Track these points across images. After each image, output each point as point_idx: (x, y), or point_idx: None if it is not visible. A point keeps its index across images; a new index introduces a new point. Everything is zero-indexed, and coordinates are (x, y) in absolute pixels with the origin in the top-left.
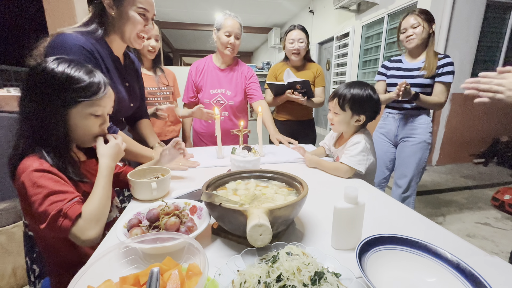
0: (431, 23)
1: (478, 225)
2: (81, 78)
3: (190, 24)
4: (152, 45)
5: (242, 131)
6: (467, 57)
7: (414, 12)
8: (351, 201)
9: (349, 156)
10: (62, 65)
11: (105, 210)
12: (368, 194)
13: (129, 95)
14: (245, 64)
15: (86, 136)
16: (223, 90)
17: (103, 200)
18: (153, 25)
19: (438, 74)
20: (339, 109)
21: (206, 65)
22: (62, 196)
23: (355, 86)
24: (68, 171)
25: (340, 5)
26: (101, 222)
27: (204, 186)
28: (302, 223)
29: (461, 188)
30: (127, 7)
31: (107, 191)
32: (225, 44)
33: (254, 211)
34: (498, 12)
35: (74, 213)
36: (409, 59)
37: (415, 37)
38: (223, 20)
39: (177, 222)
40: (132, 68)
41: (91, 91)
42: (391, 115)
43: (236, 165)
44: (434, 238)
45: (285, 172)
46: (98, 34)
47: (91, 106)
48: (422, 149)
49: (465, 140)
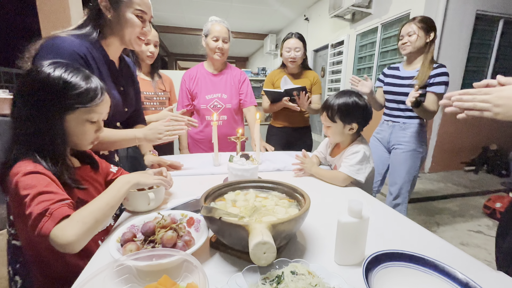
0: (429, 32)
1: (471, 233)
2: (78, 84)
3: (186, 28)
4: (151, 50)
5: (240, 138)
6: (458, 67)
7: (414, 20)
8: (356, 215)
9: (348, 165)
10: (58, 70)
11: (100, 217)
12: (367, 205)
13: (123, 100)
14: (237, 68)
15: (81, 141)
16: (219, 94)
17: (102, 205)
18: (151, 28)
19: (430, 84)
20: (329, 122)
21: (198, 72)
22: (51, 196)
23: (341, 95)
24: (64, 176)
25: (335, 14)
26: (87, 226)
27: (203, 197)
28: (303, 236)
29: (453, 196)
30: (124, 10)
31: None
32: (213, 49)
33: (256, 226)
34: (486, 24)
35: (60, 214)
36: (406, 67)
37: (409, 44)
38: (210, 26)
39: (174, 236)
40: (127, 72)
41: (89, 98)
42: (386, 122)
43: (233, 174)
44: (436, 251)
45: (285, 183)
46: (93, 37)
47: (88, 113)
48: (412, 157)
49: (456, 148)
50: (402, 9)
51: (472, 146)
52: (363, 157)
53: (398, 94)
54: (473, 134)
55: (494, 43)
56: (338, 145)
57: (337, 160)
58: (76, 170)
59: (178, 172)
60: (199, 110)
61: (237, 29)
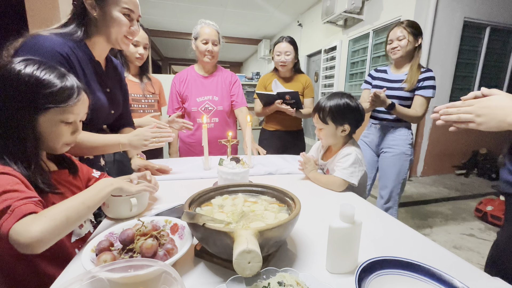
0: (418, 36)
1: (463, 236)
2: (51, 82)
3: (180, 33)
4: (140, 52)
5: (230, 141)
6: (448, 72)
7: (402, 24)
8: (348, 220)
9: (341, 169)
10: (30, 67)
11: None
12: (359, 209)
13: (109, 102)
14: (228, 70)
15: (55, 144)
16: (210, 97)
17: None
18: (139, 27)
19: (418, 87)
20: (322, 124)
21: (188, 75)
22: (17, 194)
23: (332, 97)
24: (37, 180)
25: (327, 20)
26: (55, 222)
27: (187, 203)
28: (294, 242)
29: (445, 199)
30: (110, 8)
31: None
32: (203, 52)
33: (241, 233)
34: (473, 31)
35: (24, 210)
36: (393, 70)
37: (399, 49)
38: (199, 28)
39: (154, 244)
40: (114, 74)
41: (63, 97)
42: (374, 125)
43: (223, 178)
44: (431, 256)
45: (275, 187)
46: (78, 36)
47: (62, 113)
48: (401, 160)
49: (447, 152)
50: (392, 16)
51: (463, 150)
52: (355, 160)
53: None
54: (464, 138)
55: (482, 49)
56: (330, 149)
57: (330, 163)
58: (51, 174)
59: (166, 177)
60: (190, 113)
61: (231, 34)
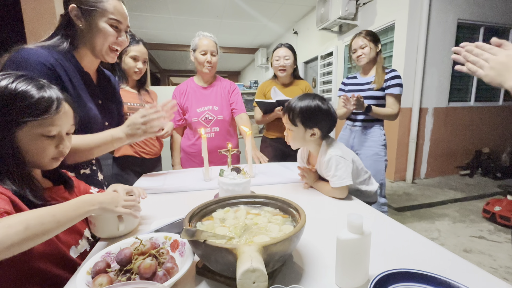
0: (377, 43)
1: (473, 239)
2: (27, 94)
3: (178, 45)
4: (139, 67)
5: (231, 151)
6: (445, 74)
7: (361, 34)
8: (356, 230)
9: (331, 178)
10: (5, 80)
11: (35, 226)
12: (365, 217)
13: (103, 113)
14: (227, 79)
15: (39, 160)
16: (210, 107)
17: (43, 213)
18: (127, 37)
19: (387, 86)
20: (291, 125)
21: (188, 86)
22: None
23: (304, 98)
24: (27, 194)
25: (322, 27)
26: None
27: (187, 218)
28: (300, 255)
29: (451, 201)
30: (97, 19)
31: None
32: (202, 62)
33: (245, 250)
34: (468, 32)
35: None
36: (362, 75)
37: (364, 56)
38: (198, 40)
39: (153, 264)
40: (107, 86)
41: (39, 109)
42: (348, 127)
43: (224, 189)
44: (443, 265)
45: (278, 197)
46: (63, 48)
47: (41, 126)
48: (376, 161)
49: (450, 152)
50: (386, 20)
51: (465, 150)
52: (336, 162)
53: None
54: (465, 138)
55: None
56: (310, 154)
57: (319, 169)
58: (45, 191)
59: (165, 189)
60: (191, 124)
61: (228, 44)
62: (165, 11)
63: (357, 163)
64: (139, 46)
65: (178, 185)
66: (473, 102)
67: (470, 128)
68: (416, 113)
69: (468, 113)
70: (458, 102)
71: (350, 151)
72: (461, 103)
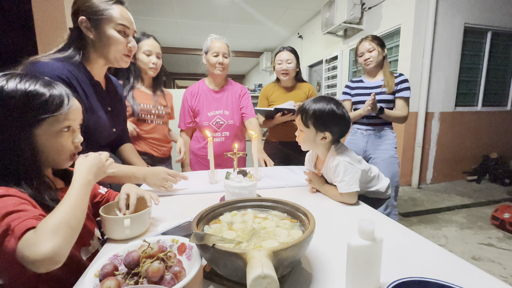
0: (383, 47)
1: (481, 246)
2: (39, 92)
3: (183, 48)
4: (153, 62)
5: (237, 153)
6: (451, 78)
7: (368, 38)
8: (368, 236)
9: (339, 183)
10: (12, 81)
11: (73, 221)
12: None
13: (112, 120)
14: (238, 83)
15: (60, 155)
16: (221, 111)
17: (70, 209)
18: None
19: (397, 90)
20: (303, 126)
21: (199, 88)
22: (19, 214)
23: (319, 101)
24: (44, 198)
25: (327, 31)
26: (61, 233)
27: (195, 221)
28: (308, 261)
29: (458, 207)
30: (105, 27)
31: (79, 200)
32: (214, 64)
33: (254, 255)
34: (475, 36)
35: (22, 227)
36: (369, 79)
37: (372, 60)
38: (210, 43)
39: (161, 267)
40: (114, 91)
41: (54, 105)
42: (360, 131)
43: (230, 192)
44: (455, 273)
45: (286, 201)
46: (76, 60)
47: (58, 122)
48: (392, 164)
49: (456, 157)
50: (392, 24)
51: (472, 155)
52: (345, 167)
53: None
54: (472, 143)
55: (484, 54)
56: (318, 158)
57: (325, 173)
58: (59, 191)
59: (171, 192)
60: (202, 128)
61: (233, 48)
62: (171, 15)
63: (366, 169)
64: (150, 40)
65: (184, 187)
66: (480, 106)
67: (477, 133)
68: (422, 117)
69: (475, 118)
70: (465, 107)
71: (359, 158)
72: (468, 107)
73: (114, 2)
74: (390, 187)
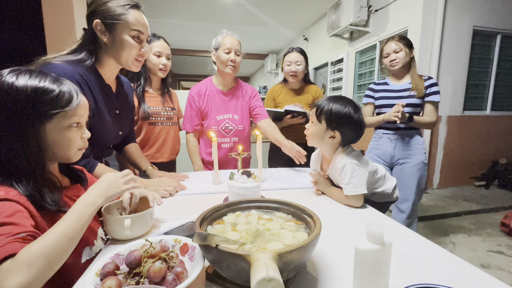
0: (411, 48)
1: (491, 254)
2: (49, 87)
3: (189, 50)
4: (163, 63)
5: (241, 154)
6: (459, 82)
7: (395, 38)
8: (376, 240)
9: (345, 185)
10: (22, 77)
11: (53, 254)
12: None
13: (119, 124)
14: (247, 84)
15: (69, 150)
16: (230, 115)
17: (56, 239)
18: (148, 47)
19: (427, 94)
20: (315, 119)
21: (207, 88)
22: (9, 228)
23: (338, 100)
24: (46, 199)
25: (333, 33)
26: (35, 268)
27: (198, 221)
28: (314, 265)
29: (466, 213)
30: (120, 32)
31: (71, 226)
32: (225, 61)
33: (259, 257)
34: (484, 39)
35: (5, 252)
36: (394, 81)
37: (398, 61)
38: (221, 39)
39: (163, 268)
40: (124, 94)
41: (64, 101)
42: (386, 136)
43: (234, 192)
44: (468, 280)
45: (291, 202)
46: (88, 64)
47: (68, 117)
48: (421, 170)
49: (464, 162)
50: (399, 27)
51: (481, 160)
52: (352, 169)
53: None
54: (481, 147)
55: (494, 57)
56: (325, 159)
57: (330, 174)
58: (64, 190)
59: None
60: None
61: None
62: (178, 17)
63: (373, 170)
64: (160, 41)
65: (187, 187)
66: (489, 111)
67: (486, 138)
68: None
69: (484, 122)
70: (474, 111)
71: (366, 159)
72: (476, 111)
73: (131, 6)
74: (396, 188)
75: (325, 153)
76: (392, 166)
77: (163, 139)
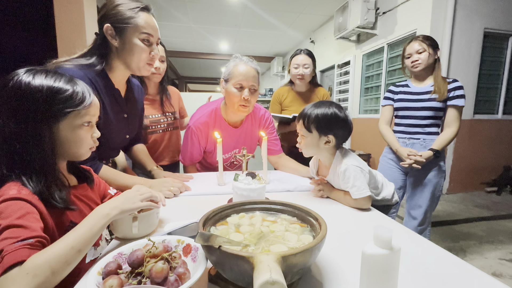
0: (436, 49)
1: (503, 262)
2: (64, 87)
3: (196, 53)
4: (156, 66)
5: (246, 156)
6: (470, 85)
7: (419, 38)
8: (384, 245)
9: (351, 188)
10: (38, 76)
11: (58, 266)
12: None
13: (126, 128)
14: (257, 105)
15: (80, 148)
16: (238, 150)
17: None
18: (158, 50)
19: (450, 97)
20: (305, 131)
21: (216, 123)
22: (19, 232)
23: (320, 105)
24: (54, 197)
25: (340, 36)
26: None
27: (201, 222)
28: (319, 269)
29: (477, 219)
30: (130, 35)
31: (80, 238)
32: (235, 101)
33: (262, 259)
34: (495, 41)
35: (14, 258)
36: (416, 84)
37: (421, 62)
38: (233, 67)
39: (165, 268)
40: (133, 98)
41: (78, 100)
42: (402, 140)
43: (238, 194)
44: None
45: (296, 205)
46: (99, 69)
47: (81, 116)
48: (437, 176)
49: (475, 167)
50: (408, 29)
51: (492, 165)
52: (354, 172)
53: (415, 109)
54: (492, 152)
55: (506, 60)
56: (322, 165)
57: (331, 180)
58: (71, 189)
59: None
60: (211, 163)
61: (245, 52)
62: (185, 20)
63: (372, 173)
64: None
65: (191, 188)
66: (500, 114)
67: (498, 142)
68: None
69: (495, 126)
70: (484, 115)
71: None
72: (487, 115)
73: (140, 9)
74: (395, 192)
75: (323, 160)
76: (407, 171)
77: (165, 145)
